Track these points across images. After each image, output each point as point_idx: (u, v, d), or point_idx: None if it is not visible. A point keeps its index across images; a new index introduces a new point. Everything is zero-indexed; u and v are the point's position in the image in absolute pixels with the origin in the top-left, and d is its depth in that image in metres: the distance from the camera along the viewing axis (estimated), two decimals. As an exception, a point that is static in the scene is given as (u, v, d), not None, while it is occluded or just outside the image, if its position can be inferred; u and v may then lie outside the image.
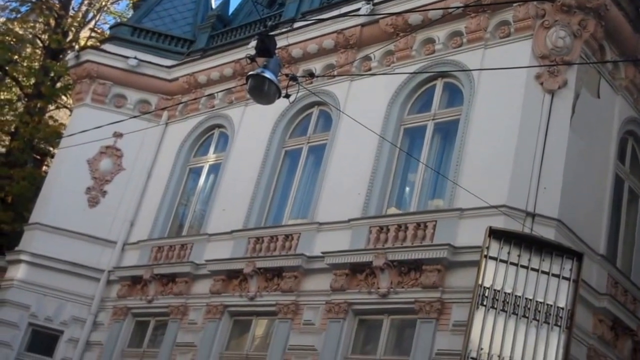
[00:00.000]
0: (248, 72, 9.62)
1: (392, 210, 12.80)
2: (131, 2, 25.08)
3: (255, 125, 15.54)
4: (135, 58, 17.84)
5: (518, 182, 11.18)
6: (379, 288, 11.75)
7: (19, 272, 16.49)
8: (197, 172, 16.91)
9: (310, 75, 13.54)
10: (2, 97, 24.58)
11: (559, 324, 10.14)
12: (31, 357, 16.07)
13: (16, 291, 16.29)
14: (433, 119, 12.97)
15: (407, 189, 13.06)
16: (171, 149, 17.20)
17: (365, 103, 13.57)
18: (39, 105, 23.09)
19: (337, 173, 13.56)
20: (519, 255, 10.44)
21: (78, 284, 16.22)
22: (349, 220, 12.73)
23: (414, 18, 13.36)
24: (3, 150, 23.48)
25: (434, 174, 12.56)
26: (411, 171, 13.11)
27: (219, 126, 16.74)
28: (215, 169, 16.34)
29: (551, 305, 10.21)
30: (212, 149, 16.78)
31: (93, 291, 16.22)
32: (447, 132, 12.80)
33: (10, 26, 24.20)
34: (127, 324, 15.56)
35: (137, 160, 17.47)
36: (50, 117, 23.89)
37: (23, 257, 16.60)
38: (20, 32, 24.20)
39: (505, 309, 10.17)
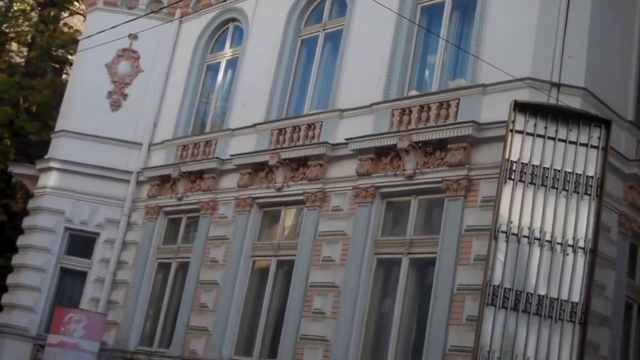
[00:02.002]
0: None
1: (413, 93, 12.62)
2: None
3: (269, 16, 15.25)
4: (142, -44, 17.50)
5: (541, 52, 10.89)
6: (404, 170, 11.74)
7: (50, 180, 16.79)
8: (214, 68, 16.76)
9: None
10: (16, 7, 24.34)
11: (588, 192, 10.10)
12: (71, 260, 16.57)
13: (49, 198, 16.63)
14: (451, -6, 12.60)
15: (427, 71, 12.84)
16: (187, 47, 17.02)
17: (380, -17, 13.18)
18: (52, 13, 22.87)
19: (355, 58, 13.34)
20: (545, 127, 10.32)
21: (109, 186, 16.50)
22: (371, 105, 12.60)
23: None
24: (22, 61, 23.45)
25: (454, 53, 12.28)
26: (430, 52, 12.82)
27: (233, 20, 16.45)
28: (232, 64, 16.17)
29: (580, 175, 10.14)
30: (227, 44, 16.55)
31: (124, 193, 16.50)
32: (466, 7, 12.40)
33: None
34: (160, 222, 15.86)
35: (155, 61, 17.37)
36: (65, 24, 23.70)
37: (53, 164, 16.85)
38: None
39: (534, 182, 10.14)
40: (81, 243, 16.58)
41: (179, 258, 15.24)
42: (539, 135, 10.30)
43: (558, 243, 9.92)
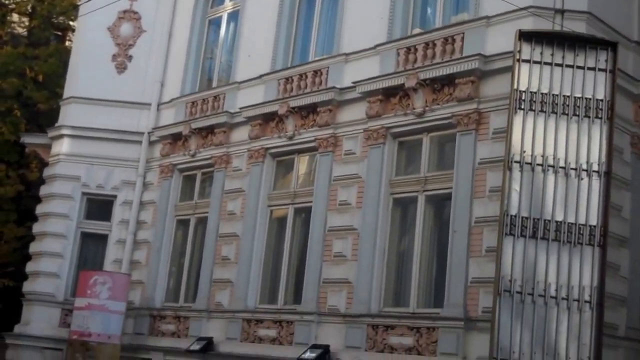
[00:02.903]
0: None
1: (417, 31, 12.56)
2: None
3: (267, -35, 15.15)
4: None
5: (543, -22, 10.82)
6: (414, 108, 11.76)
7: (63, 147, 16.91)
8: (216, 23, 16.68)
9: None
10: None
11: (599, 116, 10.11)
12: (91, 224, 16.74)
13: (64, 165, 16.76)
14: None
15: (430, 8, 12.75)
16: (187, 3, 16.92)
17: None
18: (50, -19, 22.75)
19: (357, 0, 13.25)
20: (552, 54, 10.29)
21: (121, 149, 16.56)
22: (376, 46, 12.59)
23: None
24: (24, 31, 23.41)
25: (456, -11, 12.22)
26: (432, -11, 12.78)
27: (231, -29, 16.37)
28: (234, 16, 16.09)
29: (590, 99, 10.14)
30: (228, -3, 16.51)
31: (137, 154, 16.56)
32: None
33: None
34: (175, 180, 15.95)
35: (156, 20, 17.31)
36: (64, -10, 23.56)
37: (64, 131, 16.95)
38: None
39: (544, 109, 10.15)
40: (99, 206, 16.72)
41: (197, 213, 15.38)
42: (546, 63, 10.27)
43: (572, 168, 9.97)
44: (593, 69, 10.23)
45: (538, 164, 9.99)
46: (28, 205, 19.25)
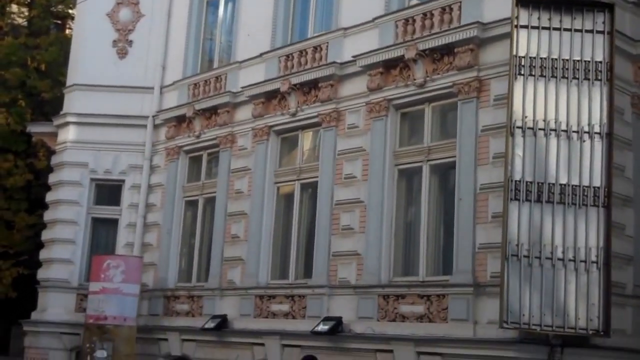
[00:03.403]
0: None
1: (415, 2, 12.59)
2: None
3: (262, -58, 15.15)
4: None
5: (538, -58, 10.82)
6: (415, 79, 11.83)
7: (69, 134, 17.05)
8: (214, 3, 16.68)
9: None
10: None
11: (599, 78, 10.20)
12: (101, 209, 16.90)
13: (71, 152, 16.90)
14: None
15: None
16: (185, -15, 17.00)
17: None
18: (49, -31, 22.81)
19: (353, -26, 13.32)
20: (549, 19, 10.37)
21: (127, 133, 16.65)
22: (374, 19, 12.64)
23: None
24: (24, 21, 23.48)
25: (452, -45, 12.20)
26: (428, -43, 12.76)
27: (227, -49, 16.37)
28: (232, -4, 16.20)
29: (589, 61, 10.24)
30: (224, -23, 16.51)
31: (143, 138, 16.67)
32: None
33: None
34: (182, 161, 16.06)
35: (154, 3, 17.36)
36: (62, -22, 23.59)
37: (69, 119, 17.07)
38: None
39: (544, 74, 10.24)
40: (108, 191, 16.88)
41: (205, 194, 15.51)
42: (544, 28, 10.37)
43: (574, 131, 10.07)
44: (591, 31, 10.29)
45: (540, 129, 10.10)
46: (38, 193, 19.45)
